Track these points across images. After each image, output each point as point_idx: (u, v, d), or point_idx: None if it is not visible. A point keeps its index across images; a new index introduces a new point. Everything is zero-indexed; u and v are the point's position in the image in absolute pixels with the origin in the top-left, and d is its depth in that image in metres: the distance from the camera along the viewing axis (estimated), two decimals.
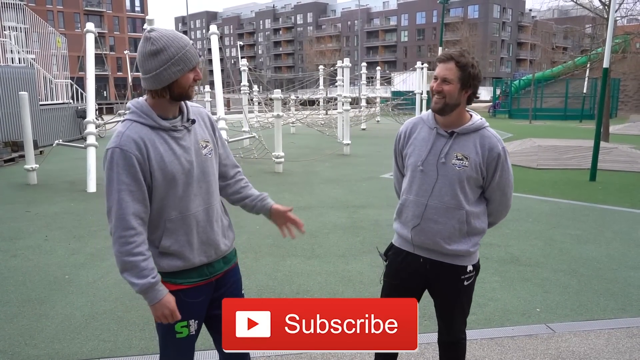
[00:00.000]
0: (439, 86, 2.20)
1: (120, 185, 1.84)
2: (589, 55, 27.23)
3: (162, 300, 1.90)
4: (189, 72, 1.89)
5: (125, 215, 1.84)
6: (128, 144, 1.84)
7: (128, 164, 1.83)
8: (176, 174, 1.91)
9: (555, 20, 77.15)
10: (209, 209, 2.03)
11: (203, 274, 2.05)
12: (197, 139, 2.00)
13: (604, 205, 7.80)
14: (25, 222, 6.80)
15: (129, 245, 1.84)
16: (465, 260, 2.34)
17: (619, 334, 3.65)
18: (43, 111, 16.17)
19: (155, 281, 1.88)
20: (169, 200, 1.93)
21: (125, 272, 1.87)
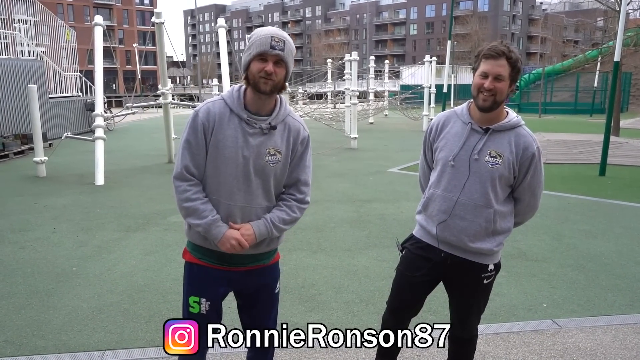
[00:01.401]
0: (492, 84, 2.13)
1: (185, 143, 2.01)
2: (600, 49, 26.93)
3: (225, 234, 2.00)
4: (257, 60, 1.93)
5: (183, 168, 2.00)
6: (204, 111, 2.00)
7: (195, 127, 1.99)
8: (227, 158, 1.98)
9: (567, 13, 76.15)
10: (247, 209, 2.05)
11: (223, 259, 2.10)
12: (268, 144, 2.02)
13: (613, 201, 7.73)
14: (34, 214, 6.85)
15: (187, 192, 1.99)
16: (487, 258, 2.31)
17: (627, 330, 3.62)
18: (52, 104, 16.26)
19: (214, 218, 2.00)
20: (214, 180, 2.02)
21: (188, 217, 2.02)
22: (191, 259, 2.15)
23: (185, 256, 2.19)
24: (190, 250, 2.16)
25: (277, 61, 1.93)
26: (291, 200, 2.13)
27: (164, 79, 11.53)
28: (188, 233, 2.13)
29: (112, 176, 9.46)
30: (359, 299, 4.11)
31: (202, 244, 2.09)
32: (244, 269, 2.14)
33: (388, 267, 4.77)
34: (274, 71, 1.92)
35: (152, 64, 58.54)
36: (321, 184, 9.02)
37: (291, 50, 1.97)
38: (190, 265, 2.16)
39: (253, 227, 2.04)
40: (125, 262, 4.97)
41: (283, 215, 2.10)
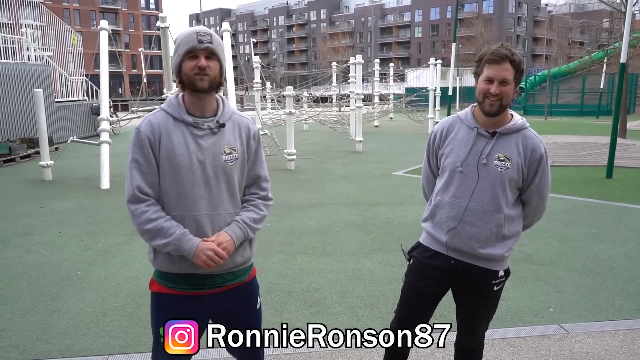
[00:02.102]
0: (498, 89, 2.10)
1: (132, 163, 1.90)
2: (606, 50, 26.81)
3: (199, 247, 1.87)
4: (187, 59, 1.87)
5: (135, 189, 1.89)
6: (145, 126, 1.92)
7: (141, 144, 1.89)
8: (182, 167, 1.88)
9: (572, 15, 75.92)
10: (215, 217, 1.95)
11: (199, 283, 1.98)
12: (221, 144, 1.94)
13: (621, 203, 7.66)
14: (40, 218, 6.87)
15: (146, 213, 1.88)
16: (497, 264, 2.28)
17: (635, 335, 3.57)
18: (58, 108, 16.35)
19: (183, 232, 1.88)
20: (173, 194, 1.91)
21: (153, 240, 1.89)
22: (161, 289, 2.00)
23: (153, 287, 2.04)
24: (159, 280, 2.00)
25: (208, 55, 1.88)
26: (256, 199, 2.07)
27: (169, 82, 11.58)
28: (155, 261, 1.99)
29: (118, 180, 9.48)
30: (364, 304, 4.09)
31: (172, 270, 1.95)
32: (221, 290, 2.01)
33: (393, 272, 4.74)
34: (208, 65, 1.87)
35: (158, 67, 58.81)
36: (326, 187, 9.00)
37: (220, 43, 1.92)
38: (160, 295, 2.01)
39: (228, 232, 1.94)
40: (130, 266, 4.97)
41: (252, 215, 2.02)
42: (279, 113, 17.96)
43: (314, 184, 9.40)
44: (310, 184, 9.40)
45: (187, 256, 1.89)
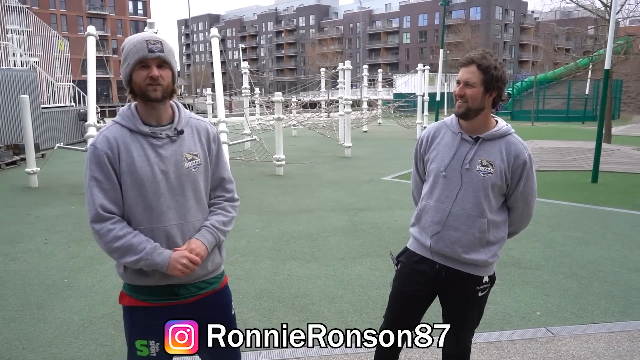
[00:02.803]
0: (461, 90, 2.15)
1: (91, 181, 1.82)
2: (591, 57, 27.19)
3: (172, 258, 1.83)
4: (139, 68, 1.81)
5: (99, 208, 1.80)
6: (101, 142, 1.83)
7: (99, 162, 1.82)
8: (145, 180, 1.83)
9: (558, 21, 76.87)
10: (185, 226, 1.91)
11: (173, 294, 1.94)
12: (182, 151, 1.90)
13: (606, 207, 7.76)
14: (26, 225, 6.80)
15: (112, 231, 1.81)
16: (482, 270, 2.29)
17: (620, 338, 3.62)
18: (45, 114, 16.20)
19: (154, 246, 1.83)
20: (139, 208, 1.85)
21: (123, 257, 1.82)
22: (132, 302, 1.94)
23: (123, 301, 1.98)
24: (130, 293, 1.95)
25: (160, 64, 1.83)
26: (222, 202, 2.05)
27: None
28: (124, 275, 1.93)
29: None
30: (353, 309, 4.09)
31: (142, 282, 1.90)
32: (194, 299, 1.98)
33: (382, 277, 4.76)
34: (160, 75, 1.81)
35: None
36: (315, 193, 9.01)
37: (171, 50, 1.87)
38: (132, 309, 1.95)
39: (199, 238, 1.91)
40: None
41: (221, 218, 2.00)
42: (268, 119, 17.97)
43: (302, 189, 9.41)
44: (299, 189, 9.40)
45: (161, 269, 1.84)
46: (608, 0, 16.38)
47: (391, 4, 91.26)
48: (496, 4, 77.00)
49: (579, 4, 19.59)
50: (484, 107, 2.19)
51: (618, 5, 14.42)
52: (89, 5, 65.62)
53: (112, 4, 67.94)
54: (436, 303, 2.44)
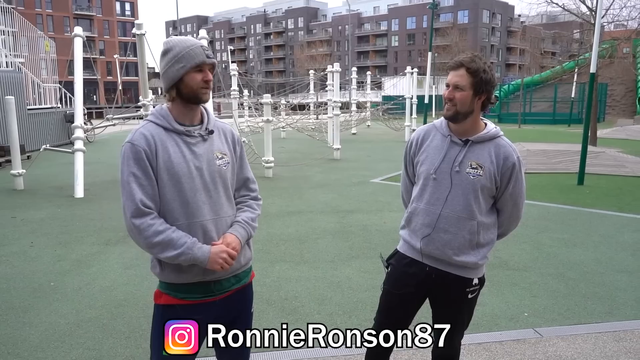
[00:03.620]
0: (451, 94, 2.16)
1: (129, 177, 1.85)
2: (577, 60, 27.53)
3: (212, 252, 1.89)
4: (194, 72, 1.90)
5: (139, 203, 1.84)
6: (139, 139, 1.88)
7: (137, 158, 1.86)
8: (182, 176, 1.90)
9: (544, 25, 77.83)
10: (219, 221, 1.98)
11: (209, 290, 1.99)
12: (213, 149, 1.99)
13: (592, 209, 7.85)
14: (11, 228, 6.71)
15: (153, 226, 1.84)
16: (472, 272, 2.30)
17: (606, 338, 3.66)
18: (31, 115, 16.03)
19: (193, 240, 1.88)
20: (176, 204, 1.90)
21: (163, 252, 1.85)
22: (169, 301, 1.97)
23: (160, 299, 2.00)
24: (168, 291, 1.97)
25: (211, 69, 1.95)
26: (248, 200, 2.14)
27: (145, 90, 11.45)
28: (161, 274, 1.96)
29: (92, 188, 9.33)
30: (342, 311, 4.09)
31: (181, 280, 1.94)
32: (227, 295, 2.04)
33: (371, 278, 4.76)
34: (211, 79, 1.96)
35: (134, 75, 58.12)
36: (304, 195, 9.00)
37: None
38: (169, 307, 1.97)
39: (233, 233, 1.99)
40: (105, 276, 4.88)
41: (250, 215, 2.09)
42: (257, 121, 17.93)
43: (292, 191, 9.40)
44: (288, 191, 9.39)
45: (201, 264, 1.89)
46: (593, 5, 16.61)
47: (380, 7, 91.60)
48: (483, 8, 77.67)
49: (564, 8, 19.83)
50: (472, 110, 2.20)
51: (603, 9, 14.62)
52: (76, 6, 64.99)
53: (99, 5, 67.36)
54: (426, 305, 2.45)
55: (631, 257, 5.52)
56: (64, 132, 17.85)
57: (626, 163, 12.76)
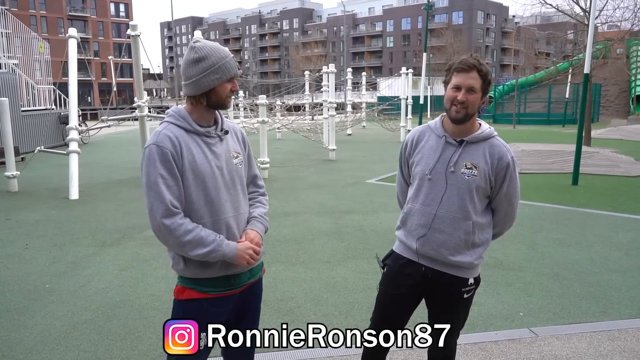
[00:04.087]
0: (465, 96, 2.15)
1: (157, 178, 1.89)
2: (571, 61, 27.64)
3: (239, 249, 1.97)
4: (226, 82, 1.98)
5: (169, 204, 1.89)
6: (164, 140, 1.92)
7: (165, 159, 1.90)
8: (206, 176, 1.96)
9: (538, 26, 78.18)
10: (239, 217, 2.06)
11: (229, 284, 2.06)
12: (229, 149, 2.07)
13: (586, 209, 7.89)
14: (5, 230, 6.68)
15: (182, 225, 1.90)
16: (467, 272, 2.31)
17: (601, 337, 3.68)
18: (25, 117, 15.96)
19: (221, 237, 1.96)
20: (201, 203, 1.97)
21: (194, 250, 1.91)
22: (193, 295, 2.01)
23: (182, 295, 2.03)
24: (192, 286, 2.01)
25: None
26: (258, 196, 2.24)
27: (140, 91, 11.43)
28: (185, 270, 2.00)
29: (87, 190, 9.30)
30: (338, 312, 4.10)
31: (204, 275, 2.00)
32: (244, 288, 2.11)
33: (367, 279, 4.77)
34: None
35: (128, 76, 57.99)
36: (300, 196, 9.01)
37: None
38: (193, 302, 2.01)
39: (254, 229, 2.09)
40: (100, 278, 4.87)
41: (263, 210, 2.20)
42: (252, 121, 17.91)
43: (287, 192, 9.40)
44: (283, 192, 9.39)
45: (230, 260, 1.97)
46: (587, 6, 16.70)
47: (375, 8, 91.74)
48: (478, 9, 77.93)
49: (558, 9, 19.92)
50: (475, 112, 2.23)
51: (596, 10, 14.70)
52: (70, 7, 64.73)
53: (94, 6, 67.10)
54: (422, 305, 2.46)
55: (625, 256, 5.55)
56: (58, 133, 17.78)
57: (620, 163, 12.82)
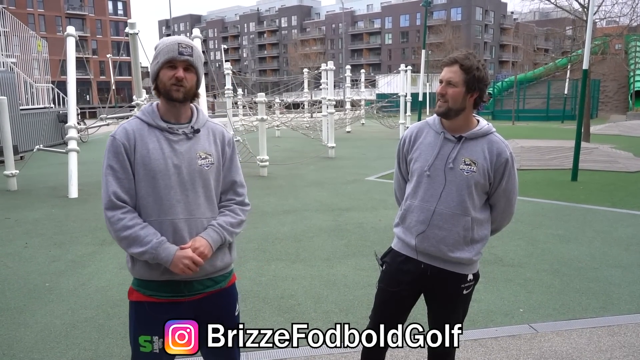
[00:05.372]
0: (443, 89, 2.17)
1: (107, 169, 1.91)
2: (570, 57, 27.65)
3: (176, 255, 1.88)
4: (167, 69, 1.91)
5: (112, 195, 1.88)
6: (120, 133, 1.93)
7: (116, 152, 1.91)
8: (158, 172, 1.90)
9: (537, 22, 78.09)
10: (192, 221, 1.95)
11: (178, 290, 1.97)
12: (196, 149, 1.97)
13: (586, 205, 7.90)
14: (5, 229, 6.67)
15: (122, 220, 1.87)
16: (466, 268, 2.31)
17: (600, 333, 3.69)
18: (23, 116, 15.94)
19: (160, 240, 1.88)
20: (149, 199, 1.92)
21: (130, 247, 1.88)
22: (140, 298, 1.98)
23: (132, 296, 2.02)
24: (138, 288, 1.99)
25: (187, 67, 1.92)
26: (232, 205, 2.08)
27: (139, 89, 11.42)
28: (133, 269, 1.97)
29: (86, 188, 9.29)
30: (339, 309, 4.10)
31: (150, 277, 1.94)
32: (199, 297, 2.01)
33: (367, 276, 4.77)
34: (185, 77, 1.91)
35: (127, 74, 57.86)
36: (299, 193, 9.00)
37: (199, 56, 1.97)
38: (138, 304, 1.99)
39: (204, 237, 1.94)
40: (100, 276, 4.87)
41: (229, 219, 2.03)
42: (251, 119, 17.90)
43: (287, 190, 9.40)
44: (283, 190, 9.39)
45: (165, 264, 1.89)
46: (585, 1, 16.68)
47: (373, 5, 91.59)
48: (476, 5, 77.81)
49: (557, 5, 19.91)
50: (464, 108, 2.21)
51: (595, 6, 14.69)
52: (68, 5, 64.58)
53: (92, 4, 66.95)
54: (421, 302, 2.46)
55: (625, 252, 5.56)
56: (57, 132, 17.77)
57: (619, 159, 12.82)
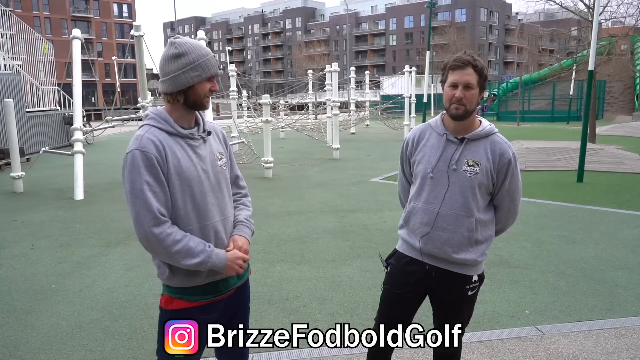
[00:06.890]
0: (462, 93, 2.15)
1: (143, 185, 1.79)
2: (575, 58, 27.57)
3: (228, 259, 1.92)
4: (205, 81, 1.91)
5: (157, 212, 1.80)
6: (148, 145, 1.83)
7: (150, 165, 1.81)
8: (192, 180, 1.89)
9: (542, 23, 77.89)
10: (225, 221, 2.01)
11: (218, 289, 2.01)
12: (213, 150, 2.01)
13: (592, 206, 7.86)
14: (11, 230, 6.71)
15: (171, 235, 1.82)
16: (471, 269, 2.31)
17: (607, 335, 3.67)
18: (29, 118, 16.03)
19: (210, 247, 1.89)
20: (188, 208, 1.89)
21: (184, 259, 1.84)
22: (184, 305, 1.95)
23: (171, 305, 1.97)
24: (181, 296, 1.96)
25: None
26: (241, 198, 2.19)
27: (144, 91, 11.45)
28: (172, 279, 1.93)
29: (92, 190, 9.33)
30: (344, 310, 4.10)
31: (195, 283, 1.94)
32: (231, 292, 2.07)
33: (372, 278, 4.77)
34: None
35: (132, 76, 58.14)
36: (304, 195, 9.01)
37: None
38: (183, 311, 1.95)
39: (242, 235, 2.03)
40: (106, 277, 4.89)
41: (247, 212, 2.15)
42: (256, 121, 17.93)
43: (291, 191, 9.40)
44: (288, 191, 9.40)
45: (219, 270, 1.92)
46: (591, 2, 16.62)
47: (377, 6, 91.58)
48: (481, 6, 77.66)
49: (562, 6, 19.83)
50: (475, 108, 2.22)
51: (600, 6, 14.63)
52: (73, 8, 64.91)
53: (97, 7, 67.29)
54: (426, 303, 2.46)
55: (631, 253, 5.53)
56: (63, 134, 17.85)
57: (625, 160, 12.76)
